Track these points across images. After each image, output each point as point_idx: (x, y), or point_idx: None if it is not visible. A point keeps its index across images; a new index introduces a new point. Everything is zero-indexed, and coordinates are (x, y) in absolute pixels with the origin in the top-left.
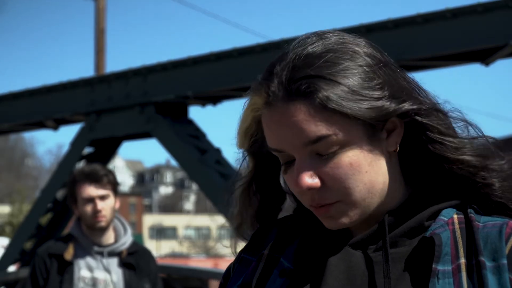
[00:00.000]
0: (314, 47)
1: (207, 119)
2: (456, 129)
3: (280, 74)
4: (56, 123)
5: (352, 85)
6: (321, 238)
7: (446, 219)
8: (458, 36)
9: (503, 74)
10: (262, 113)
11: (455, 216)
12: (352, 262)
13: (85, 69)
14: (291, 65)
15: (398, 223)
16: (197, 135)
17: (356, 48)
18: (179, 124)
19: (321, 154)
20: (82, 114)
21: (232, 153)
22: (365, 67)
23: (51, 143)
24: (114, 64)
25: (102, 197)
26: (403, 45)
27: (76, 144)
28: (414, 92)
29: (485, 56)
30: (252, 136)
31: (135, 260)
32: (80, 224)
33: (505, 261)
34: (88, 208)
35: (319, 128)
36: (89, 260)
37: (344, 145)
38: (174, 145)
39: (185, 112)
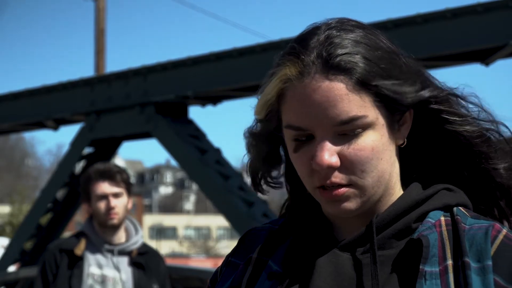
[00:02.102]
0: (346, 31)
1: (207, 119)
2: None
3: (319, 47)
4: (56, 123)
5: (386, 67)
6: (309, 241)
7: (433, 221)
8: (458, 36)
9: (503, 74)
10: (291, 85)
11: (442, 218)
12: (340, 265)
13: (85, 69)
14: (330, 41)
15: (386, 225)
16: (197, 135)
17: (382, 36)
18: (179, 124)
19: (345, 134)
20: (82, 114)
21: (232, 153)
22: (392, 54)
23: (51, 143)
24: (114, 64)
25: (116, 195)
26: (403, 45)
27: (76, 144)
28: (431, 79)
29: (485, 56)
30: (269, 107)
31: (144, 261)
32: (92, 222)
33: (490, 263)
34: (102, 205)
35: (353, 108)
36: (99, 257)
37: (368, 128)
38: (174, 145)
39: (185, 112)
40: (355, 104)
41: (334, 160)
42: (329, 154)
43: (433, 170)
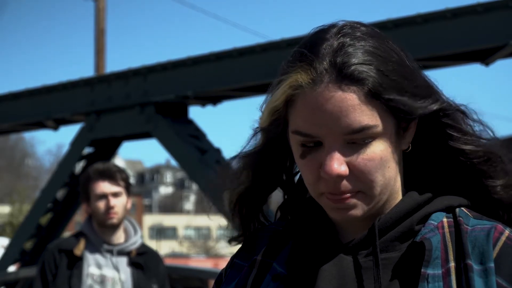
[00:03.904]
0: (358, 39)
1: (207, 119)
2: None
3: (332, 54)
4: (56, 123)
5: (397, 80)
6: (313, 243)
7: (436, 223)
8: (458, 36)
9: (503, 74)
10: (301, 92)
11: (445, 219)
12: (343, 268)
13: (85, 69)
14: (341, 49)
15: (389, 228)
16: (197, 135)
17: (394, 45)
18: (179, 124)
19: (355, 143)
20: (82, 114)
21: (232, 153)
22: (404, 66)
23: (51, 143)
24: (114, 64)
25: (115, 194)
26: (403, 45)
27: (76, 144)
28: (438, 91)
29: (485, 56)
30: (274, 115)
31: (144, 261)
32: (91, 221)
33: (492, 265)
34: (101, 204)
35: (364, 118)
36: (99, 257)
37: (378, 138)
38: (174, 145)
39: (185, 112)
40: (366, 114)
41: (343, 169)
42: (339, 163)
43: (435, 176)
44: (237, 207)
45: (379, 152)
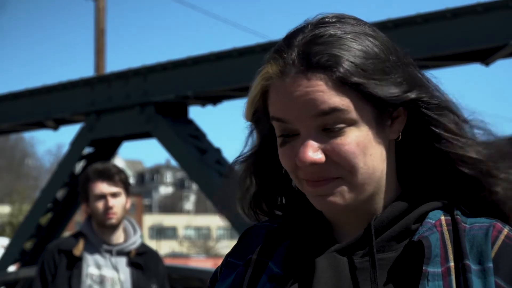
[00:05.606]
0: (334, 28)
1: (207, 119)
2: (471, 131)
3: (300, 45)
4: (56, 123)
5: (369, 65)
6: (309, 242)
7: (433, 222)
8: (458, 36)
9: (503, 74)
10: (272, 83)
11: (443, 217)
12: (339, 268)
13: (85, 69)
14: (313, 39)
15: (385, 227)
16: (197, 135)
17: (373, 34)
18: (179, 124)
19: (328, 129)
20: (82, 114)
21: (232, 153)
22: (381, 52)
23: (51, 143)
24: (114, 64)
25: (114, 195)
26: (403, 45)
27: (76, 144)
28: (426, 84)
29: (485, 56)
30: (253, 107)
31: (143, 261)
32: (90, 222)
33: (491, 265)
34: (100, 205)
35: (334, 100)
36: (98, 257)
37: (353, 124)
38: (174, 145)
39: (185, 112)
40: (337, 97)
41: (319, 157)
42: (312, 150)
43: (431, 169)
44: (255, 214)
45: (355, 138)
